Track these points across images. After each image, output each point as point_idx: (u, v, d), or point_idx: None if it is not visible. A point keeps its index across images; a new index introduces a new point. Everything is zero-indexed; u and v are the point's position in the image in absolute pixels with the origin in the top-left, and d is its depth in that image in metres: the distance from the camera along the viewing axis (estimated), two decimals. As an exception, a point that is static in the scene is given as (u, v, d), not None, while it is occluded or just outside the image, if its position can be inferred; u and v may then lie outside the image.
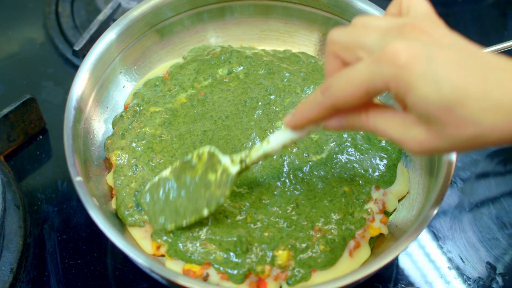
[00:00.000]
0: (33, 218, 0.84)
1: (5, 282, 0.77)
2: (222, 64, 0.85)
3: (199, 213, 0.69)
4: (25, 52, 1.00)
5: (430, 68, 0.47)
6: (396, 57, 0.48)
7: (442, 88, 0.47)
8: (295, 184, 0.75)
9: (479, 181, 0.87)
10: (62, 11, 1.01)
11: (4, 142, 0.86)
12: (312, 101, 0.55)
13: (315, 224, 0.72)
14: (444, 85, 0.47)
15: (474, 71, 0.47)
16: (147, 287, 0.78)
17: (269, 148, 0.62)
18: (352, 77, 0.51)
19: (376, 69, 0.49)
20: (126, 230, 0.74)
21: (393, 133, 0.52)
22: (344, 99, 0.52)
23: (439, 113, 0.48)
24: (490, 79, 0.47)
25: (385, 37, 0.50)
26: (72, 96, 0.75)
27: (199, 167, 0.69)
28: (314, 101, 0.55)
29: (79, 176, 0.69)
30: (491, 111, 0.47)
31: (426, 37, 0.49)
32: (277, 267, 0.69)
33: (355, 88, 0.51)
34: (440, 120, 0.48)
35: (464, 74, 0.47)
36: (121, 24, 0.80)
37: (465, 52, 0.49)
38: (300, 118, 0.58)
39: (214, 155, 0.68)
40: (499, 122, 0.47)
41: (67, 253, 0.81)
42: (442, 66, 0.47)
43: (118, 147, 0.79)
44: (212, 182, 0.68)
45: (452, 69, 0.47)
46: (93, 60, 0.78)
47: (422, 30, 0.50)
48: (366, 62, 0.50)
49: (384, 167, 0.78)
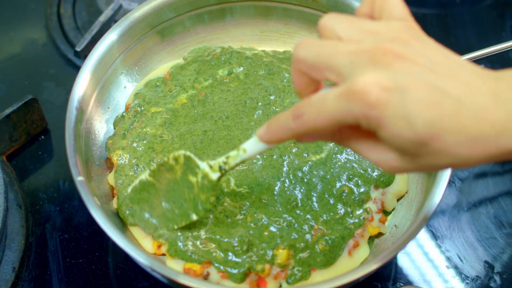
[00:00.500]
0: (35, 217, 0.84)
1: (7, 281, 0.77)
2: (222, 65, 0.85)
3: (188, 217, 0.69)
4: (27, 52, 1.00)
5: (401, 105, 0.45)
6: (365, 94, 0.45)
7: (415, 125, 0.45)
8: (294, 183, 0.75)
9: (477, 181, 0.87)
10: (64, 12, 1.01)
11: (6, 142, 0.86)
12: (284, 125, 0.53)
13: (314, 223, 0.72)
14: (417, 122, 0.45)
15: (449, 101, 0.45)
16: (148, 286, 0.79)
17: (246, 156, 0.62)
18: (322, 110, 0.49)
19: (346, 106, 0.47)
20: (127, 229, 0.74)
21: (367, 155, 0.52)
22: (315, 128, 0.50)
23: (413, 148, 0.46)
24: (465, 108, 0.45)
25: (354, 62, 0.48)
26: (73, 97, 0.75)
27: (177, 169, 0.69)
28: (286, 125, 0.53)
29: (81, 176, 0.69)
30: (466, 144, 0.45)
31: (397, 64, 0.46)
32: (277, 266, 0.70)
33: (326, 120, 0.49)
34: (414, 153, 0.47)
35: (438, 107, 0.45)
36: (122, 25, 0.81)
37: (439, 74, 0.46)
38: (272, 137, 0.56)
39: (191, 158, 0.67)
40: (475, 154, 0.46)
41: (68, 252, 0.81)
42: (414, 101, 0.45)
43: (119, 147, 0.79)
44: (193, 184, 0.67)
45: (425, 104, 0.45)
46: (95, 61, 0.78)
47: (394, 54, 0.47)
48: (335, 95, 0.48)
49: None
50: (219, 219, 0.72)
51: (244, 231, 0.71)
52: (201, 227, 0.71)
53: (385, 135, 0.47)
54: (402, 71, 0.46)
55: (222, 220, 0.72)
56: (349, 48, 0.48)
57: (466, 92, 0.46)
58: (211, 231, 0.71)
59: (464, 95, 0.45)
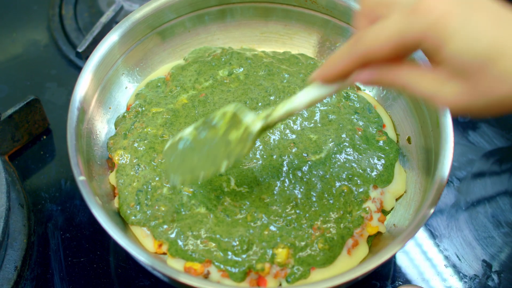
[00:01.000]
0: (37, 216, 0.84)
1: (9, 279, 0.77)
2: (222, 65, 0.85)
3: (217, 167, 0.66)
4: (29, 53, 1.00)
5: (466, 22, 0.45)
6: (430, 10, 0.46)
7: (479, 42, 0.45)
8: (294, 183, 0.75)
9: (475, 180, 0.87)
10: (66, 13, 1.01)
11: (8, 142, 0.86)
12: (343, 53, 0.52)
13: (314, 222, 0.72)
14: (482, 39, 0.45)
15: (511, 29, 0.45)
16: (149, 285, 0.79)
17: (292, 106, 0.59)
18: (384, 28, 0.49)
19: (409, 22, 0.47)
20: (128, 228, 0.74)
21: (425, 89, 0.50)
22: (374, 50, 0.50)
23: (474, 68, 0.46)
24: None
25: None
26: (75, 97, 0.75)
27: (221, 127, 0.66)
28: (345, 52, 0.52)
29: (82, 176, 0.69)
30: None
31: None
32: (277, 265, 0.70)
33: (387, 39, 0.49)
34: (475, 76, 0.46)
35: (501, 30, 0.45)
36: (123, 26, 0.81)
37: (500, 12, 0.47)
38: (329, 69, 0.54)
39: (237, 115, 0.64)
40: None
41: (70, 251, 0.81)
42: (478, 21, 0.45)
43: (120, 147, 0.79)
44: (232, 141, 0.65)
45: (489, 25, 0.45)
46: (96, 62, 0.78)
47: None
48: (399, 15, 0.48)
49: (381, 167, 0.78)
50: (219, 219, 0.72)
51: (244, 230, 0.71)
52: (201, 226, 0.71)
53: (447, 54, 0.47)
54: (464, 1, 0.47)
55: (222, 220, 0.72)
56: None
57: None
58: (211, 230, 0.71)
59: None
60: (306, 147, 0.78)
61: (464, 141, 0.91)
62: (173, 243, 0.71)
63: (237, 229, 0.71)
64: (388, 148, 0.79)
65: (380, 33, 0.49)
